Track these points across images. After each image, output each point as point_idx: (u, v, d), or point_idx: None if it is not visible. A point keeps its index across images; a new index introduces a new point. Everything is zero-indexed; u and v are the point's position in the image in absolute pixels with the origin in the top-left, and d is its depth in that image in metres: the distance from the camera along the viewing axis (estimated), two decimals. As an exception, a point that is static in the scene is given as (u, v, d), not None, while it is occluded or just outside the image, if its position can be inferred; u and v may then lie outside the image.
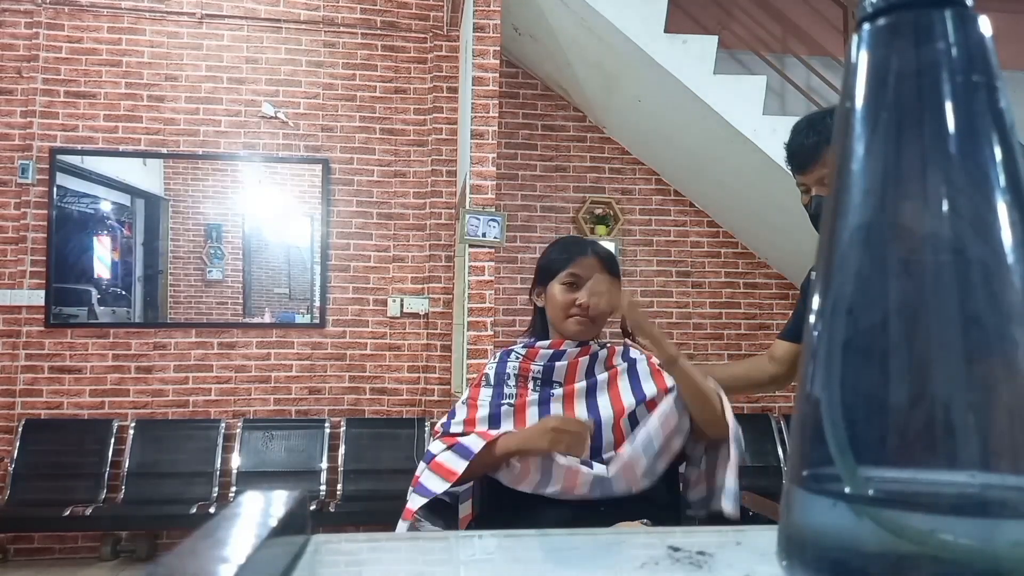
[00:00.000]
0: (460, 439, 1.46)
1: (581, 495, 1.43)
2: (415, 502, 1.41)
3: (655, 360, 1.60)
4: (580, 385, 1.56)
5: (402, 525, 1.42)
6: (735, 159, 3.95)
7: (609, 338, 1.81)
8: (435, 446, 1.50)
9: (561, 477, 1.42)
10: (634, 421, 1.52)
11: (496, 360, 1.66)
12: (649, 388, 1.56)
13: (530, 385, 1.58)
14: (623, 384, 1.57)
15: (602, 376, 1.58)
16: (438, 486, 1.40)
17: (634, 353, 1.63)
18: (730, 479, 1.47)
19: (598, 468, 1.44)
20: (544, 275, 1.64)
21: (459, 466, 1.40)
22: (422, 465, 1.48)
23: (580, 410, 1.54)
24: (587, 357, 1.60)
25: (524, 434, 1.43)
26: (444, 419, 1.62)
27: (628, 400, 1.54)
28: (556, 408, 1.54)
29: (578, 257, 1.60)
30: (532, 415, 1.54)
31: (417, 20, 4.48)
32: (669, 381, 1.54)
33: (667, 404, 1.51)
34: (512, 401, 1.56)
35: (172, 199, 4.33)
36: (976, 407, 0.26)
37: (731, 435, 1.49)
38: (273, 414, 4.24)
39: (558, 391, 1.56)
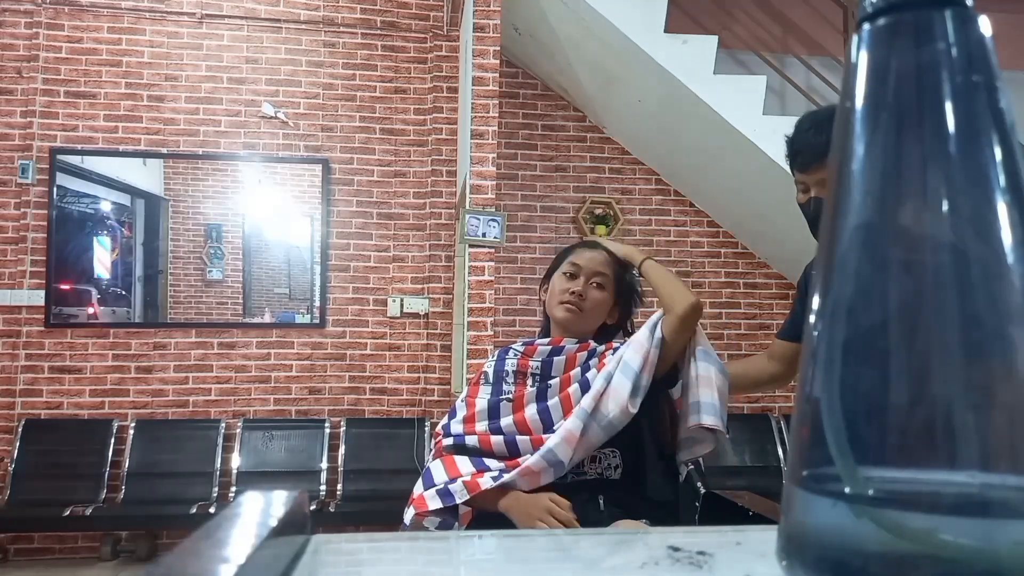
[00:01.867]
0: (449, 486, 1.43)
1: (583, 443, 1.44)
2: (408, 516, 1.44)
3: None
4: (575, 372, 1.57)
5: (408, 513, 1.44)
6: (735, 159, 3.95)
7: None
8: (435, 467, 1.50)
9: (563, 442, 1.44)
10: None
11: (495, 358, 1.67)
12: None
13: (528, 381, 1.58)
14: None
15: (594, 362, 1.59)
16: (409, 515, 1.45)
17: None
18: (706, 394, 1.51)
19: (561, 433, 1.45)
20: (552, 269, 1.69)
21: (435, 503, 1.41)
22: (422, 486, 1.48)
23: (574, 388, 1.54)
24: (585, 353, 1.60)
25: (513, 503, 1.41)
26: (445, 420, 1.62)
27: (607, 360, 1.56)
28: (553, 398, 1.54)
29: (583, 249, 1.65)
30: (531, 409, 1.54)
31: (417, 20, 4.48)
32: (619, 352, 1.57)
33: (641, 331, 1.54)
34: (511, 395, 1.57)
35: (172, 199, 4.33)
36: (976, 407, 0.26)
37: (701, 348, 1.57)
38: (273, 414, 4.24)
39: (555, 382, 1.57)
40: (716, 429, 1.51)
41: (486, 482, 1.41)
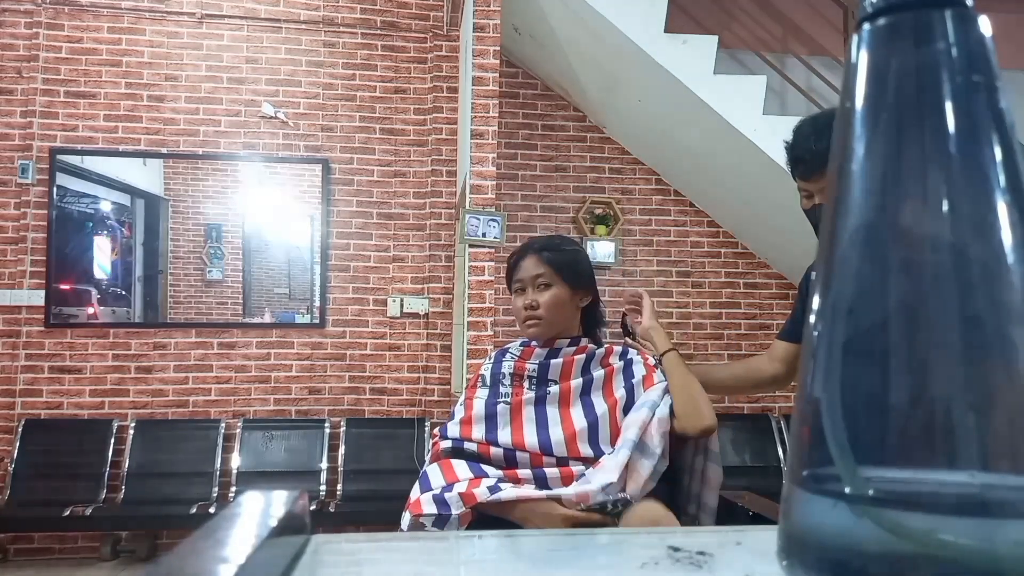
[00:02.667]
0: (445, 494, 1.41)
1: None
2: (405, 522, 1.43)
3: (650, 358, 1.61)
4: (576, 382, 1.57)
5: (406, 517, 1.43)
6: (735, 159, 3.95)
7: (609, 338, 1.81)
8: (432, 471, 1.49)
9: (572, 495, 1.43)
10: (627, 410, 1.53)
11: (491, 360, 1.66)
12: (640, 372, 1.58)
13: (525, 384, 1.58)
14: (617, 380, 1.58)
15: (598, 373, 1.59)
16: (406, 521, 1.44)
17: (632, 353, 1.63)
18: (710, 497, 1.53)
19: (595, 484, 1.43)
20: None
21: (430, 509, 1.39)
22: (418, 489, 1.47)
23: (576, 408, 1.54)
24: (583, 356, 1.60)
25: (529, 515, 1.39)
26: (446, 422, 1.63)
27: (619, 392, 1.55)
28: (552, 406, 1.54)
29: (519, 262, 1.63)
30: (528, 414, 1.54)
31: (417, 20, 4.48)
32: (660, 377, 1.56)
33: (664, 407, 1.52)
34: (508, 400, 1.56)
35: (172, 199, 4.33)
36: (976, 407, 0.26)
37: (713, 446, 1.55)
38: (273, 414, 4.24)
39: (554, 389, 1.56)
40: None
41: (482, 493, 1.39)
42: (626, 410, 1.53)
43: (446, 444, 1.55)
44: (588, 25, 3.79)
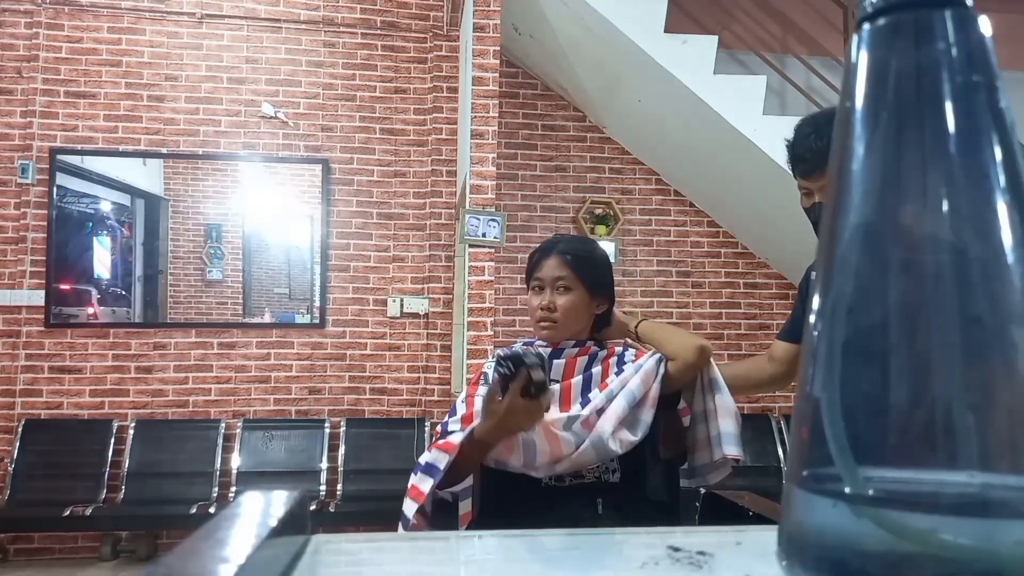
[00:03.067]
0: (426, 459, 1.42)
1: (570, 458, 1.41)
2: (410, 508, 1.40)
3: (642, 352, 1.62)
4: (576, 380, 1.57)
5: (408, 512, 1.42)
6: (735, 159, 3.95)
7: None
8: (427, 456, 1.49)
9: (544, 443, 1.41)
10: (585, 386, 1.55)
11: (494, 359, 1.66)
12: (630, 356, 1.59)
13: None
14: (611, 372, 1.58)
15: (596, 370, 1.59)
16: (410, 507, 1.40)
17: (629, 353, 1.63)
18: (727, 424, 1.51)
19: (575, 427, 1.43)
20: (526, 283, 1.67)
21: (426, 486, 1.38)
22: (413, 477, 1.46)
23: (575, 407, 1.54)
24: (586, 356, 1.60)
25: (489, 426, 1.36)
26: (445, 419, 1.62)
27: (611, 379, 1.55)
28: (553, 405, 1.54)
29: (541, 261, 1.60)
30: None
31: (417, 20, 4.48)
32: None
33: (648, 362, 1.53)
34: None
35: (172, 199, 4.33)
36: (976, 407, 0.26)
37: (714, 379, 1.55)
38: (273, 414, 4.24)
39: (555, 387, 1.56)
40: (738, 457, 1.51)
41: (456, 437, 1.39)
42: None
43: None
44: (588, 25, 3.79)
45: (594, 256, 1.63)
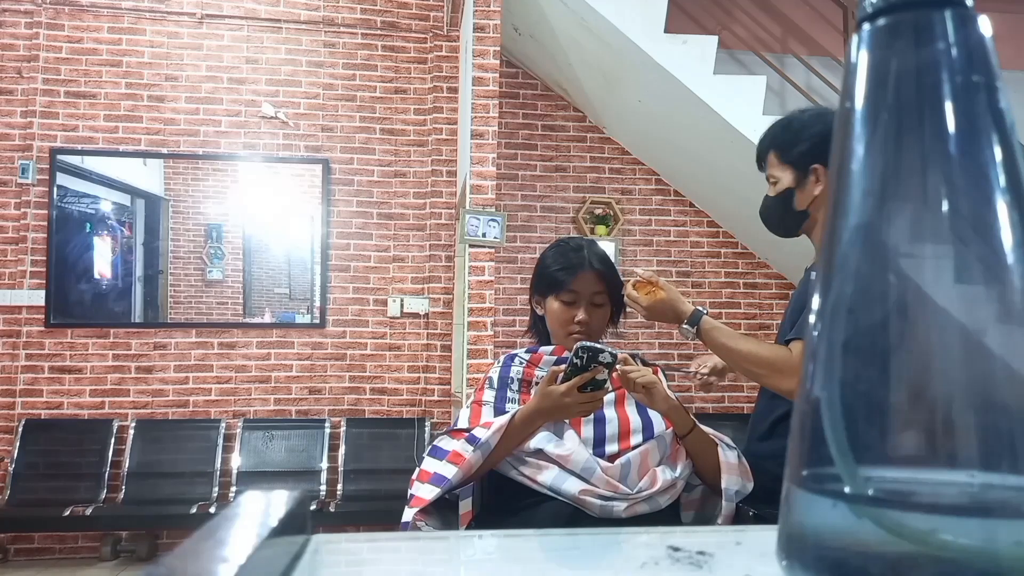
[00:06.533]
0: (435, 468, 1.42)
1: (597, 493, 1.40)
2: (428, 491, 1.39)
3: (659, 371, 1.62)
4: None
5: (408, 513, 1.40)
6: (735, 159, 3.95)
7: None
8: (444, 442, 1.48)
9: (578, 471, 1.41)
10: (641, 409, 1.53)
11: (500, 364, 1.66)
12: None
13: (533, 391, 1.57)
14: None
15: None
16: (448, 473, 1.39)
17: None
18: (733, 481, 1.48)
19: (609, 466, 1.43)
20: (543, 286, 1.64)
21: (430, 494, 1.38)
22: (430, 460, 1.46)
23: (582, 425, 1.53)
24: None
25: (535, 410, 1.42)
26: (449, 428, 1.61)
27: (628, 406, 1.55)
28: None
29: (577, 273, 1.60)
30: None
31: (417, 20, 4.48)
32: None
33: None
34: (516, 402, 1.55)
35: (172, 199, 4.33)
36: (976, 407, 0.26)
37: (722, 443, 1.52)
38: (273, 414, 4.24)
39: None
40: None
41: (465, 448, 1.40)
42: (639, 406, 1.53)
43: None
44: (588, 25, 3.79)
45: (616, 270, 1.68)
